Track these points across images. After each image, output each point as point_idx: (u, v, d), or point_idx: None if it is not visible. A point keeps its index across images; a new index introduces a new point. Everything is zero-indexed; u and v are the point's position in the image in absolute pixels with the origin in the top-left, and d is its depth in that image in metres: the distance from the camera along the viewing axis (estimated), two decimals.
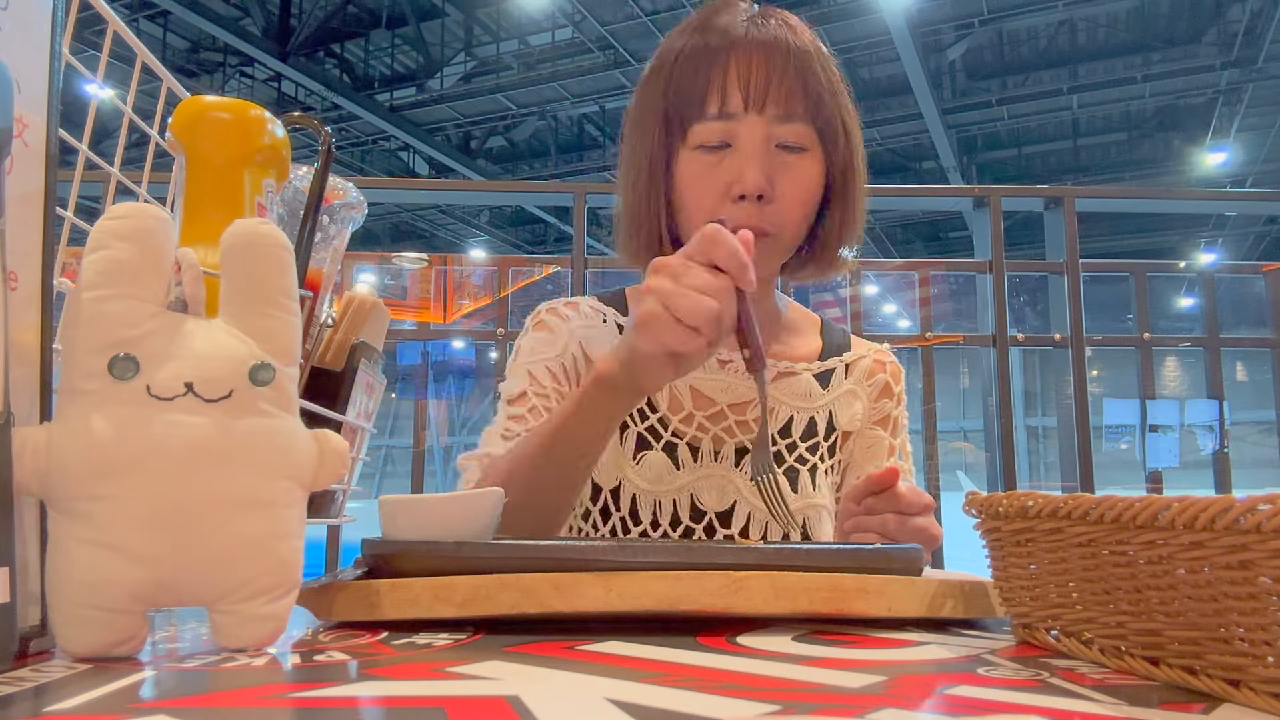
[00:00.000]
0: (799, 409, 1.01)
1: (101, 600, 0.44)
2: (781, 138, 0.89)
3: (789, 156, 0.90)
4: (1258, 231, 14.58)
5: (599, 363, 0.79)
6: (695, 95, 0.90)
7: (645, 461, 0.96)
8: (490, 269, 2.44)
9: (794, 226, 0.91)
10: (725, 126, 0.89)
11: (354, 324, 0.75)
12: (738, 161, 0.88)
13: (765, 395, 0.77)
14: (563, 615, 0.52)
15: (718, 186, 0.89)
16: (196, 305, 0.50)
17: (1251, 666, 0.35)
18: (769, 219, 0.89)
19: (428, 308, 2.81)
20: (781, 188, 0.89)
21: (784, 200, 0.89)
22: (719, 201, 0.89)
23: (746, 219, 0.88)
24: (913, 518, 0.81)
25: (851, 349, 1.07)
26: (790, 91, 0.89)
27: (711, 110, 0.89)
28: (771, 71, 0.88)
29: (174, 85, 0.70)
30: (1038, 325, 2.72)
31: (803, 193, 0.91)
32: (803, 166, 0.90)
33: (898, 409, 1.06)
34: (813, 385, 1.02)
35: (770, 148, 0.89)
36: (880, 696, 0.37)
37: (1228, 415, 2.29)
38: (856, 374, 1.05)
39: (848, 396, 1.04)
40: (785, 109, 0.89)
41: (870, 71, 10.36)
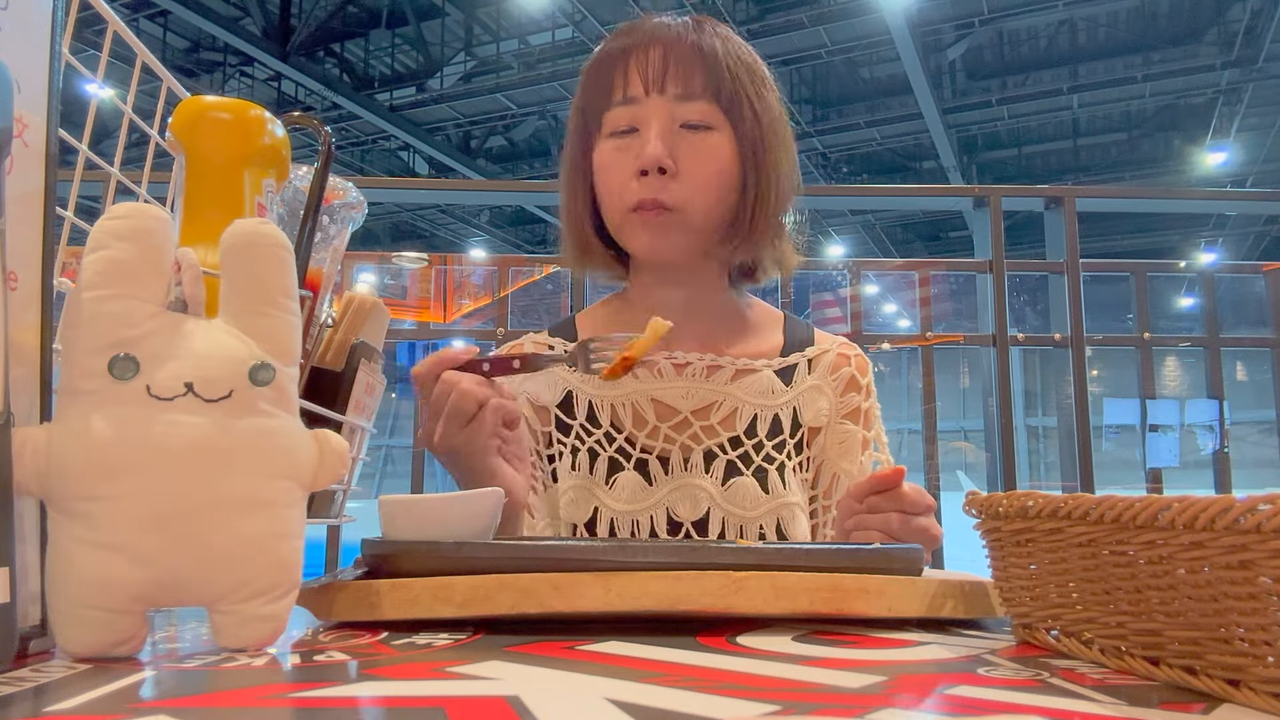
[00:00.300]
0: (762, 407, 1.00)
1: (101, 600, 0.44)
2: (685, 117, 0.92)
3: (694, 135, 0.92)
4: (1258, 231, 14.58)
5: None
6: (604, 87, 0.95)
7: (619, 483, 0.97)
8: (490, 269, 2.43)
9: (700, 201, 0.93)
10: (630, 111, 0.93)
11: (354, 324, 0.75)
12: (641, 140, 0.92)
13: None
14: (562, 615, 0.52)
15: (626, 167, 0.93)
16: (196, 305, 0.50)
17: (1251, 666, 0.35)
18: (673, 194, 0.91)
19: (428, 308, 2.81)
20: (686, 164, 0.92)
21: (689, 175, 0.92)
22: (626, 180, 0.92)
23: (649, 192, 0.91)
24: (915, 518, 0.81)
25: (815, 343, 1.07)
26: (688, 72, 0.92)
27: (617, 97, 0.94)
28: (669, 56, 0.93)
29: (174, 85, 0.70)
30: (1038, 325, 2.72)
31: (708, 167, 0.92)
32: (709, 143, 0.93)
33: (867, 401, 1.06)
34: (774, 382, 1.02)
35: (675, 127, 0.92)
36: (880, 696, 0.37)
37: (1228, 415, 2.29)
38: (820, 369, 1.05)
39: (811, 392, 1.03)
40: (685, 88, 0.92)
41: (870, 71, 10.37)
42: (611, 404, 1.00)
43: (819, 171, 11.82)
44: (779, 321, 1.09)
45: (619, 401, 0.99)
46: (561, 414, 1.01)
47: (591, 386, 1.00)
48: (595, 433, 0.99)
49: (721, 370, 1.00)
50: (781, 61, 9.54)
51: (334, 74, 9.95)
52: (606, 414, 0.99)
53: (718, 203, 0.94)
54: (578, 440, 0.99)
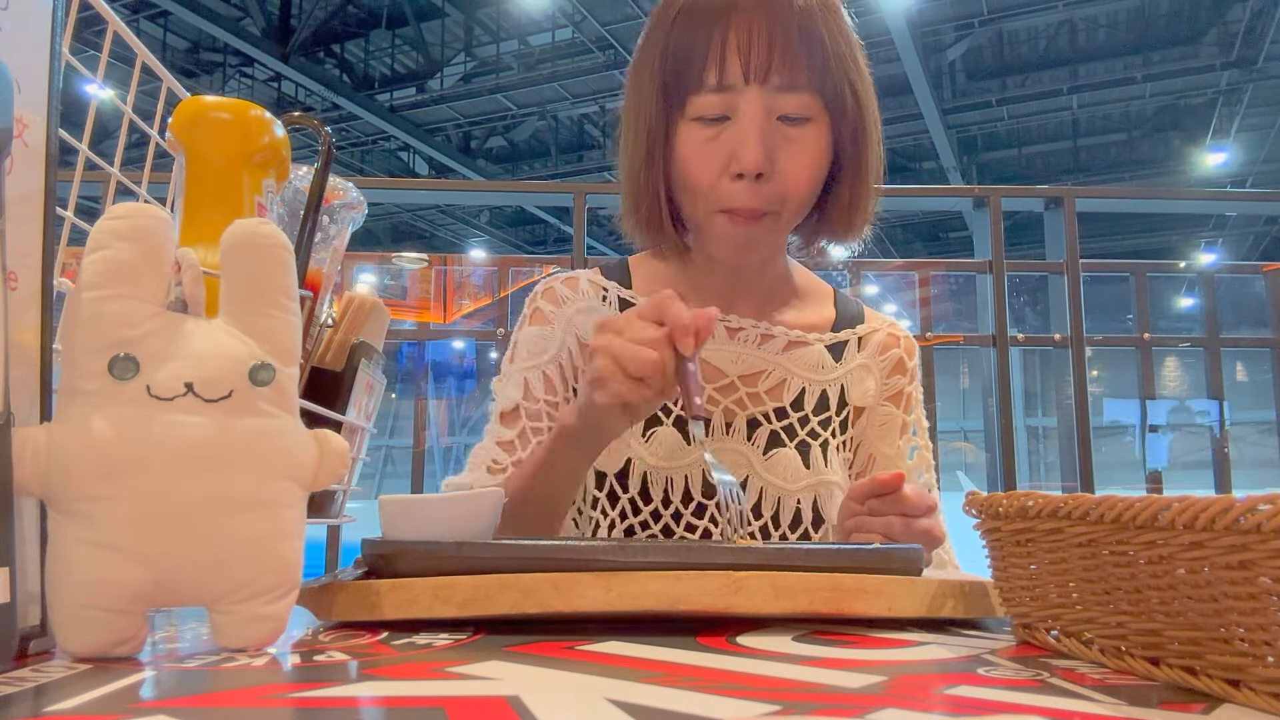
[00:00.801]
0: (810, 381, 0.98)
1: (101, 600, 0.44)
2: (784, 109, 0.85)
3: (791, 129, 0.86)
4: (1258, 231, 14.58)
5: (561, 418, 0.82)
6: (693, 64, 0.85)
7: (656, 438, 0.94)
8: (490, 269, 2.44)
9: (796, 203, 0.88)
10: (724, 99, 0.85)
11: (354, 324, 0.75)
12: (737, 136, 0.84)
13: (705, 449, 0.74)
14: (562, 615, 0.52)
15: (716, 162, 0.86)
16: (196, 305, 0.50)
17: (1251, 666, 0.35)
18: (768, 197, 0.86)
19: (428, 308, 2.81)
20: (782, 163, 0.85)
21: (785, 177, 0.86)
22: (717, 177, 0.86)
23: (745, 198, 0.85)
24: (917, 520, 0.81)
25: (865, 321, 1.04)
26: (793, 59, 0.84)
27: (709, 81, 0.84)
28: (774, 38, 0.83)
29: (174, 85, 0.70)
30: (1038, 325, 2.72)
31: (806, 168, 0.87)
32: (806, 139, 0.86)
33: (911, 385, 1.04)
34: (824, 357, 0.99)
35: (771, 120, 0.85)
36: (880, 696, 0.37)
37: (1228, 415, 2.29)
38: (870, 348, 1.02)
39: (860, 371, 1.01)
40: (788, 79, 0.84)
41: (870, 71, 10.36)
42: None
43: None
44: (829, 295, 1.06)
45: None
46: None
47: None
48: None
49: (774, 340, 0.98)
50: None
51: (334, 74, 9.95)
52: None
53: (811, 199, 0.90)
54: None
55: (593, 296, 1.01)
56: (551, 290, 1.02)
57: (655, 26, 0.90)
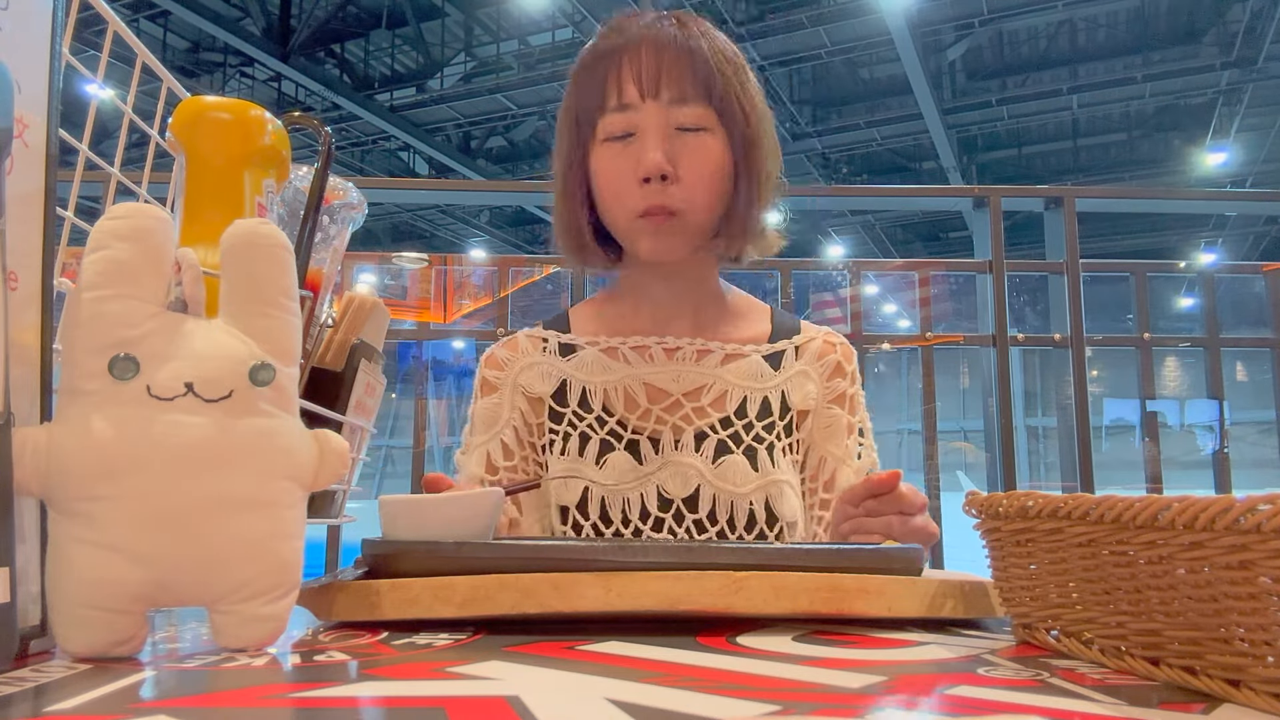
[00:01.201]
0: (751, 389, 1.03)
1: (101, 600, 0.44)
2: (680, 120, 0.94)
3: (689, 137, 0.94)
4: (1258, 231, 14.58)
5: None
6: (598, 92, 0.96)
7: (609, 463, 0.98)
8: (490, 269, 2.43)
9: (701, 202, 0.95)
10: (626, 117, 0.95)
11: (354, 324, 0.75)
12: (639, 146, 0.94)
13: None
14: (562, 615, 0.52)
15: (625, 172, 0.94)
16: (196, 305, 0.50)
17: (1251, 666, 0.35)
18: (675, 198, 0.93)
19: (428, 308, 2.81)
20: (685, 167, 0.94)
21: (688, 178, 0.94)
22: (628, 186, 0.94)
23: (653, 199, 0.93)
24: (912, 517, 0.81)
25: (801, 332, 1.10)
26: (681, 76, 0.94)
27: (611, 103, 0.95)
28: (661, 60, 0.94)
29: (174, 85, 0.70)
30: (1038, 325, 2.72)
31: (705, 169, 0.95)
32: (704, 145, 0.95)
33: (853, 387, 1.08)
34: (762, 366, 1.04)
35: (670, 131, 0.94)
36: (880, 696, 0.37)
37: (1228, 415, 2.29)
38: (807, 356, 1.07)
39: (799, 377, 1.05)
40: (678, 92, 0.94)
41: (870, 71, 10.37)
42: (604, 389, 1.02)
43: (819, 172, 11.82)
44: (765, 311, 1.12)
45: (611, 386, 1.02)
46: (554, 403, 1.03)
47: (584, 373, 1.03)
48: (587, 417, 1.01)
49: (711, 354, 1.03)
50: (781, 62, 9.54)
51: (334, 74, 9.95)
52: (599, 399, 1.01)
53: (716, 202, 0.97)
54: (569, 426, 1.01)
55: (533, 352, 1.07)
56: (492, 357, 1.08)
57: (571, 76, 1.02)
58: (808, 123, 10.67)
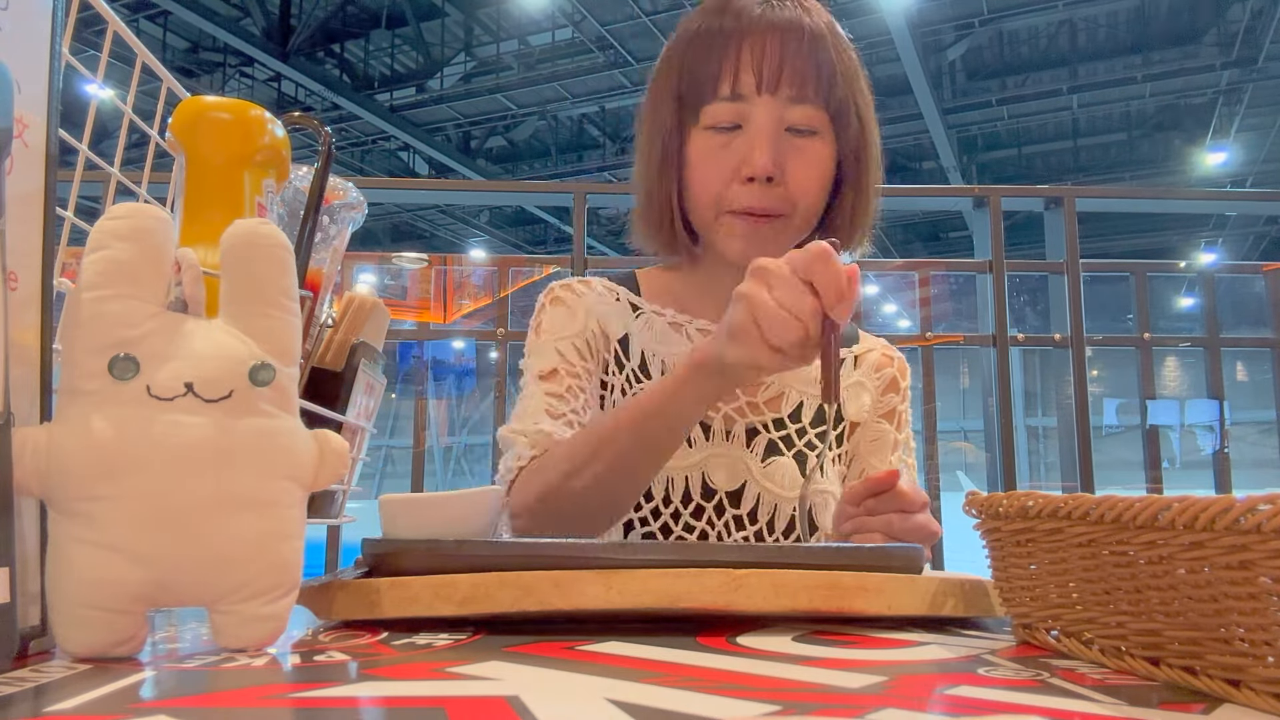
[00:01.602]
0: (809, 395, 1.01)
1: (101, 600, 0.44)
2: (792, 121, 0.89)
3: (799, 140, 0.90)
4: (1258, 231, 14.58)
5: (697, 349, 0.78)
6: (707, 76, 0.90)
7: None
8: (490, 269, 2.43)
9: (804, 209, 0.92)
10: (736, 108, 0.89)
11: (354, 324, 0.75)
12: (747, 143, 0.89)
13: (830, 434, 0.81)
14: (563, 613, 0.52)
15: (727, 167, 0.90)
16: (196, 305, 0.50)
17: (1251, 666, 0.35)
18: (777, 199, 0.90)
19: (428, 308, 2.81)
20: (791, 170, 0.90)
21: (793, 183, 0.90)
22: (727, 182, 0.90)
23: (755, 200, 0.89)
24: (913, 515, 0.81)
25: (860, 342, 1.08)
26: (803, 73, 0.89)
27: (723, 91, 0.89)
28: (785, 53, 0.88)
29: (174, 85, 0.70)
30: (1038, 325, 2.72)
31: (813, 176, 0.91)
32: (813, 149, 0.91)
33: (903, 404, 1.07)
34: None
35: (780, 130, 0.89)
36: (880, 696, 0.37)
37: (1228, 415, 2.29)
38: (865, 367, 1.06)
39: (855, 388, 1.04)
40: (797, 91, 0.89)
41: (870, 71, 10.31)
42: (663, 360, 0.99)
43: None
44: None
45: (670, 358, 0.99)
46: (620, 350, 1.01)
47: (647, 338, 1.00)
48: (645, 381, 0.99)
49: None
50: None
51: (334, 74, 9.95)
52: (657, 367, 0.99)
53: (817, 210, 0.94)
54: (626, 383, 0.99)
55: (607, 295, 1.03)
56: (570, 285, 1.04)
57: (673, 45, 0.95)
58: None
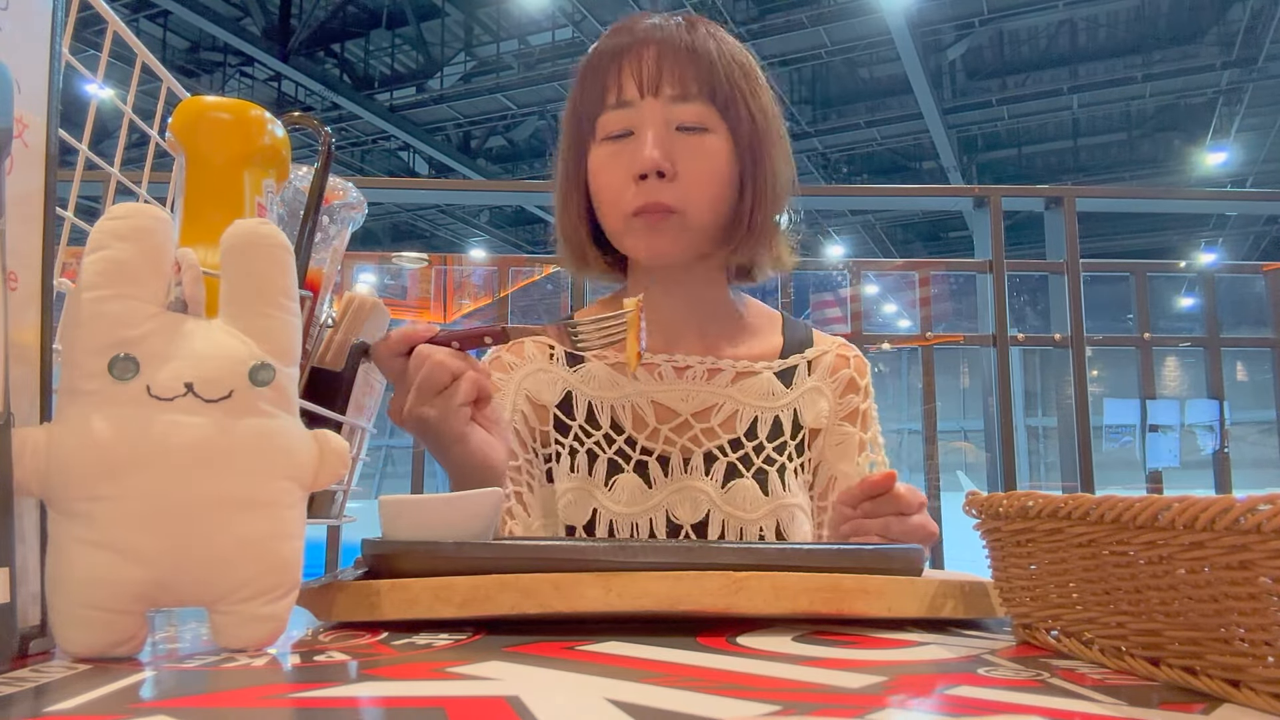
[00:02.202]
0: (762, 409, 1.00)
1: (101, 600, 0.44)
2: (681, 119, 0.92)
3: (690, 137, 0.92)
4: (1258, 231, 14.57)
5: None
6: (598, 90, 0.94)
7: (618, 485, 0.96)
8: (490, 269, 2.43)
9: (700, 203, 0.92)
10: (625, 114, 0.92)
11: (354, 324, 0.75)
12: (637, 144, 0.91)
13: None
14: (563, 615, 0.52)
15: (622, 171, 0.92)
16: (196, 305, 0.50)
17: (1251, 666, 0.35)
18: (671, 195, 0.91)
19: (428, 308, 2.81)
20: (684, 166, 0.91)
21: (687, 177, 0.91)
22: (624, 184, 0.92)
23: (648, 196, 0.90)
24: (910, 517, 0.81)
25: (814, 344, 1.07)
26: (683, 73, 0.91)
27: (611, 100, 0.93)
28: (663, 55, 0.92)
29: (174, 85, 0.70)
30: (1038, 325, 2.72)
31: (705, 169, 0.92)
32: (705, 145, 0.92)
33: (865, 403, 1.06)
34: (774, 384, 1.02)
35: (670, 130, 0.91)
36: (880, 697, 0.37)
37: (1228, 415, 2.29)
38: (820, 370, 1.05)
39: (812, 394, 1.03)
40: (680, 90, 0.91)
41: (870, 71, 10.37)
42: (611, 405, 0.99)
43: (819, 171, 11.81)
44: (777, 322, 1.09)
45: (619, 403, 0.99)
46: (561, 414, 1.00)
47: (591, 387, 1.00)
48: (595, 434, 0.98)
49: (722, 373, 1.01)
50: (781, 61, 9.53)
51: (334, 74, 9.95)
52: (606, 415, 0.99)
53: (716, 203, 0.94)
54: (576, 441, 0.99)
55: (539, 358, 1.04)
56: (499, 360, 1.05)
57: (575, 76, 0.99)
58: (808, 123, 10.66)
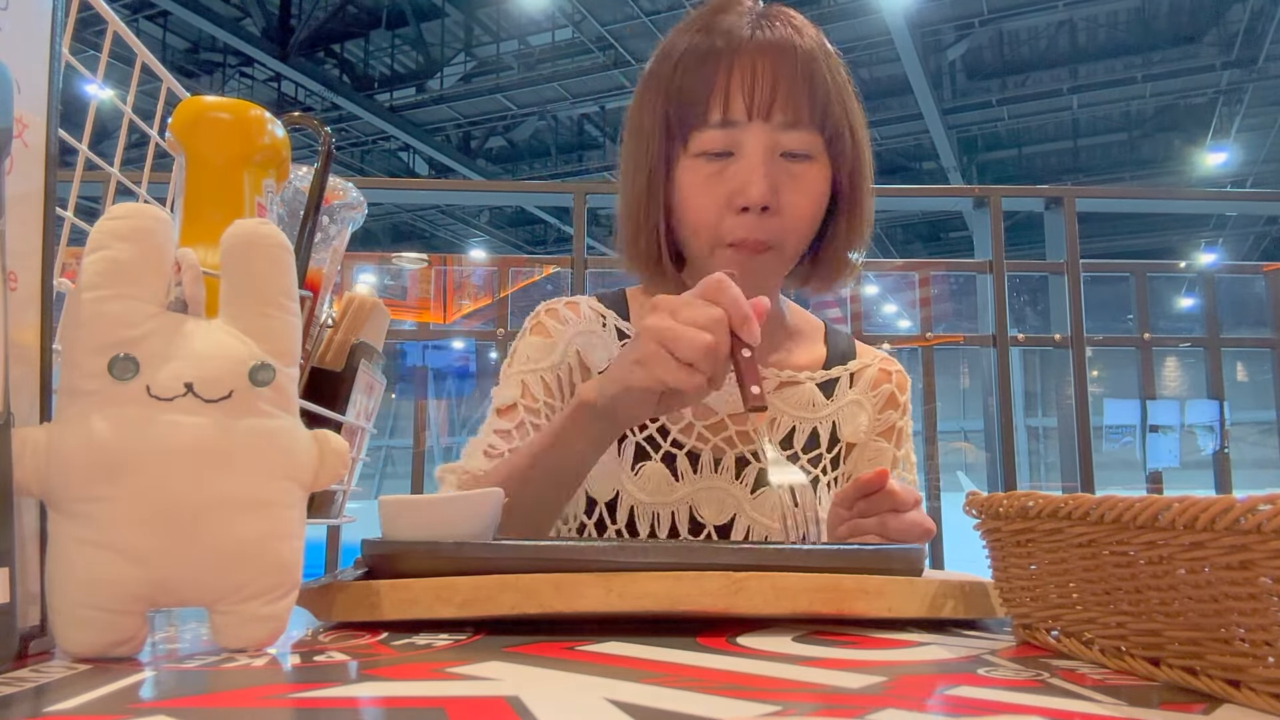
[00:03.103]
0: (801, 419, 0.98)
1: (101, 600, 0.44)
2: (786, 146, 0.87)
3: (794, 165, 0.87)
4: (1258, 231, 14.57)
5: (581, 392, 0.78)
6: (697, 101, 0.87)
7: (644, 473, 0.94)
8: (490, 269, 2.43)
9: (797, 238, 0.89)
10: (728, 134, 0.86)
11: (354, 324, 0.75)
12: (741, 171, 0.86)
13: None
14: (563, 615, 0.52)
15: (720, 196, 0.87)
16: (196, 305, 0.50)
17: (1251, 667, 0.35)
18: (772, 231, 0.87)
19: (428, 308, 2.81)
20: (786, 198, 0.87)
21: (789, 211, 0.87)
22: (721, 212, 0.87)
23: (749, 231, 0.86)
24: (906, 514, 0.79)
25: (857, 357, 1.05)
26: (796, 98, 0.86)
27: (714, 117, 0.86)
28: (777, 77, 0.85)
29: (174, 85, 0.70)
30: (1038, 325, 2.72)
31: (808, 204, 0.88)
32: (809, 175, 0.88)
33: (903, 419, 1.04)
34: (815, 395, 1.00)
35: (774, 156, 0.86)
36: (880, 697, 0.37)
37: (1228, 415, 2.29)
38: (862, 384, 1.03)
39: (852, 407, 1.01)
40: (791, 116, 0.86)
41: (870, 71, 10.37)
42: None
43: None
44: (819, 331, 1.07)
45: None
46: None
47: None
48: None
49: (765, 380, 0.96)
50: None
51: (334, 74, 9.95)
52: None
53: (810, 235, 0.91)
54: None
55: (594, 320, 1.00)
56: (555, 310, 1.02)
57: (659, 65, 0.91)
58: None
